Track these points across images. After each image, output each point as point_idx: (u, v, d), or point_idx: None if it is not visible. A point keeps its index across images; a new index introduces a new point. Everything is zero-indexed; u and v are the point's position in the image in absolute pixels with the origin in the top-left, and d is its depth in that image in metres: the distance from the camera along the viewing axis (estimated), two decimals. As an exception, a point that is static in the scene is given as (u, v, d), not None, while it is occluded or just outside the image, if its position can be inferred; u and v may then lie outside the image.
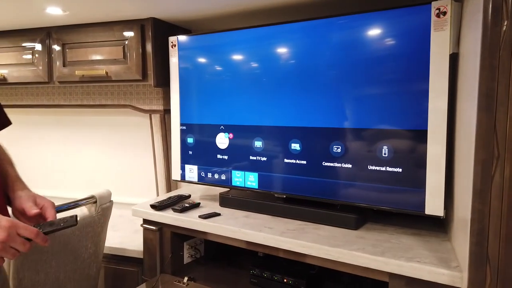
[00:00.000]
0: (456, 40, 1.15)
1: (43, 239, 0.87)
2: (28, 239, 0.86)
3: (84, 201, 1.52)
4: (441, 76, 1.14)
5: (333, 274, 1.49)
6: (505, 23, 0.80)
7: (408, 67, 1.21)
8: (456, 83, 1.16)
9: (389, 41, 1.24)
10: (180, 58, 1.72)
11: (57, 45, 1.95)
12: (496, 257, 0.84)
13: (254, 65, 1.53)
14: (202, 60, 1.68)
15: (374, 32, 1.27)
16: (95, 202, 1.54)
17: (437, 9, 1.14)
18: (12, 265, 1.26)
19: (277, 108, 1.48)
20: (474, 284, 0.87)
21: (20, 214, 0.99)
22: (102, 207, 1.56)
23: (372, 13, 1.26)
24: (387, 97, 1.25)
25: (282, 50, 1.47)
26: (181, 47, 1.71)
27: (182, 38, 1.71)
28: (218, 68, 1.63)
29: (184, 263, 1.68)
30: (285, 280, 1.45)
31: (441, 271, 1.00)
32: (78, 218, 0.99)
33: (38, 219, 0.97)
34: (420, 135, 1.20)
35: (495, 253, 0.85)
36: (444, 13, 1.13)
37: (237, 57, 1.58)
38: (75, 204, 1.50)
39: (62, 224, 0.94)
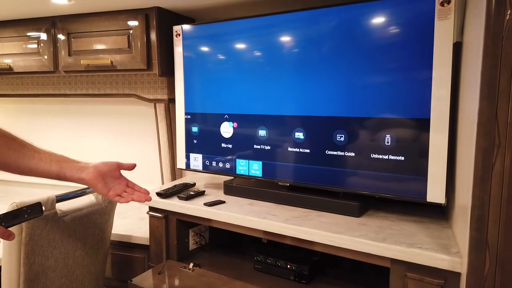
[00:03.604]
0: (460, 29, 1.15)
1: (3, 234, 0.77)
2: None
3: (91, 189, 1.55)
4: (445, 65, 1.15)
5: (336, 260, 1.52)
6: (508, 13, 0.81)
7: (412, 56, 1.22)
8: (459, 72, 1.17)
9: (393, 30, 1.25)
10: (184, 47, 1.73)
11: (62, 34, 1.96)
12: (495, 243, 0.86)
13: (258, 54, 1.54)
14: (206, 49, 1.68)
15: (378, 20, 1.28)
16: (102, 190, 1.56)
17: (441, -3, 1.14)
18: (22, 251, 1.30)
19: (281, 97, 1.50)
20: (473, 269, 0.90)
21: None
22: (109, 194, 1.59)
23: (376, 2, 1.26)
24: (390, 86, 1.26)
25: (285, 40, 1.48)
26: (185, 36, 1.72)
27: (186, 27, 1.72)
28: (222, 57, 1.64)
29: (190, 249, 1.72)
30: (288, 266, 1.48)
31: (441, 257, 1.02)
32: (43, 207, 0.89)
33: None
34: (423, 124, 1.21)
35: (495, 239, 0.86)
36: (448, 2, 1.13)
37: (241, 46, 1.59)
38: (82, 192, 1.53)
39: (26, 216, 0.83)
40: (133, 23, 1.81)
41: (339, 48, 1.35)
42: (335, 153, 1.39)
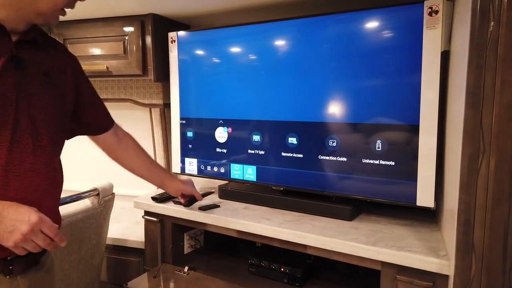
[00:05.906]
0: (448, 38, 1.19)
1: (60, 239, 0.87)
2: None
3: (87, 194, 1.56)
4: (433, 73, 1.18)
5: (329, 263, 1.55)
6: (492, 24, 0.84)
7: (401, 64, 1.25)
8: (447, 79, 1.20)
9: (383, 39, 1.28)
10: (179, 53, 1.75)
11: (58, 39, 1.97)
12: (481, 246, 0.89)
13: (252, 61, 1.57)
14: (201, 55, 1.71)
15: (368, 30, 1.31)
16: (98, 194, 1.58)
17: (429, 7, 1.18)
18: (19, 255, 1.31)
19: (275, 103, 1.52)
20: (460, 271, 0.93)
21: (182, 195, 1.47)
22: (105, 199, 1.60)
23: (366, 11, 1.30)
24: (381, 93, 1.30)
25: (279, 47, 1.50)
26: (181, 42, 1.75)
27: (182, 34, 1.74)
28: (217, 63, 1.67)
29: (185, 253, 1.73)
30: (282, 269, 1.50)
31: (430, 260, 1.05)
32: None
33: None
34: (413, 130, 1.24)
35: (480, 242, 0.89)
36: (436, 12, 1.17)
37: (235, 53, 1.61)
38: (78, 197, 1.54)
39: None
40: (129, 29, 1.83)
41: (332, 56, 1.38)
42: (327, 158, 1.42)
